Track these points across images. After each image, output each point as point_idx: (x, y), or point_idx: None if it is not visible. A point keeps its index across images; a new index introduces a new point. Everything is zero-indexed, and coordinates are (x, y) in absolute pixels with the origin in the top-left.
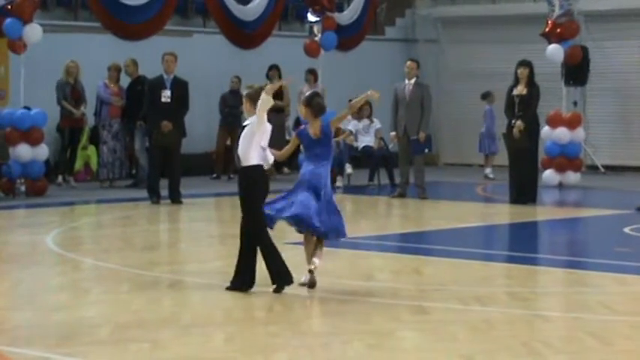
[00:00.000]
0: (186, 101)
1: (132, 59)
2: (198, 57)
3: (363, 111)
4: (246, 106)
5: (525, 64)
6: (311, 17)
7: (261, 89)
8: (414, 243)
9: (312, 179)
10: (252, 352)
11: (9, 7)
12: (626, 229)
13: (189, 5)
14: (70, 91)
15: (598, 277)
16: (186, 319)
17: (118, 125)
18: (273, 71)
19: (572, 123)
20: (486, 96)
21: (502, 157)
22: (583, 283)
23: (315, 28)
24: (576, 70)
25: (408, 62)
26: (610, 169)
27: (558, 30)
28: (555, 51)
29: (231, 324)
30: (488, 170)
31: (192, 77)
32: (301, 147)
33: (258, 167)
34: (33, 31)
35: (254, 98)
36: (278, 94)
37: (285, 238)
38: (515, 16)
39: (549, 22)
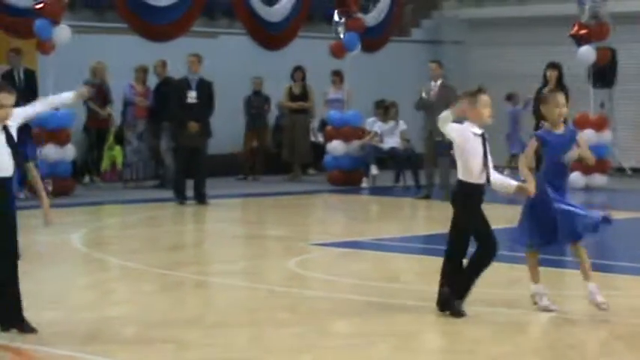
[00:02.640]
0: (211, 102)
1: (161, 60)
2: (224, 58)
3: (389, 112)
4: None
5: (554, 65)
6: (337, 18)
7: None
8: (439, 245)
9: None
10: (276, 353)
11: (39, 6)
12: None
13: (216, 6)
14: (97, 92)
15: (626, 280)
16: (210, 319)
17: (143, 126)
18: (298, 72)
19: (600, 125)
20: (511, 97)
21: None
22: (611, 286)
23: (340, 29)
24: (604, 72)
25: (431, 64)
26: (637, 171)
27: (588, 31)
28: (587, 52)
29: (256, 325)
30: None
31: (218, 78)
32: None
33: None
34: (62, 32)
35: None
36: (303, 96)
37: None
38: (541, 18)
39: (578, 23)
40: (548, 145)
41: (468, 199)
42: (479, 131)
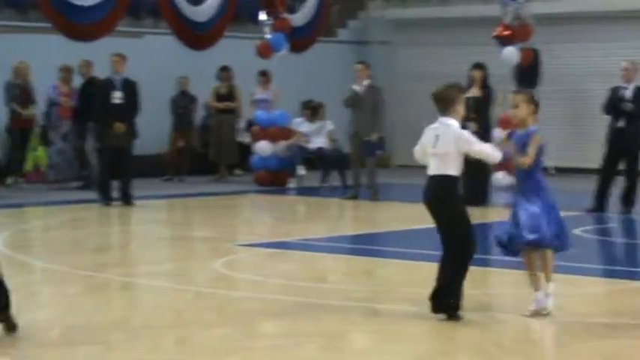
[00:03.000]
0: (137, 102)
1: (86, 60)
2: (150, 58)
3: (316, 113)
4: None
5: (479, 66)
6: (263, 18)
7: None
8: (366, 245)
9: None
10: (203, 354)
11: None
12: (577, 231)
13: (141, 6)
14: (20, 92)
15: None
16: (137, 321)
17: (68, 126)
18: (225, 72)
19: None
20: None
21: None
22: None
23: (266, 29)
24: (528, 73)
25: (357, 65)
26: (560, 170)
27: (511, 32)
28: (511, 53)
29: (183, 326)
30: None
31: (144, 78)
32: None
33: None
34: None
35: None
36: (230, 96)
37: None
38: (466, 19)
39: (501, 24)
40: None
41: (459, 193)
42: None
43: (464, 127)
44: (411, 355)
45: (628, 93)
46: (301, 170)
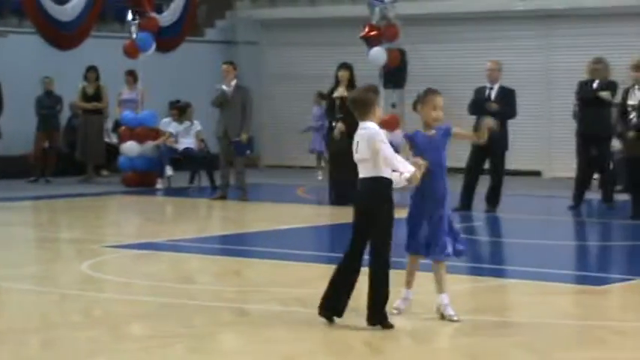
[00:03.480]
0: (0, 102)
1: None
2: (14, 57)
3: (184, 113)
4: None
5: (346, 66)
6: (130, 18)
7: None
8: (234, 245)
9: None
10: (70, 357)
11: None
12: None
13: (5, 5)
14: None
15: (419, 276)
16: (1, 325)
17: None
18: (91, 73)
19: (391, 125)
20: (323, 96)
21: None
22: (402, 282)
23: (133, 29)
24: (395, 73)
25: (223, 65)
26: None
27: (378, 33)
28: (378, 54)
29: (49, 329)
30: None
31: (7, 78)
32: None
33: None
34: None
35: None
36: (96, 96)
37: None
38: (333, 19)
39: (368, 25)
40: (416, 147)
41: (391, 195)
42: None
43: (331, 128)
44: (280, 356)
45: (493, 93)
46: (169, 171)
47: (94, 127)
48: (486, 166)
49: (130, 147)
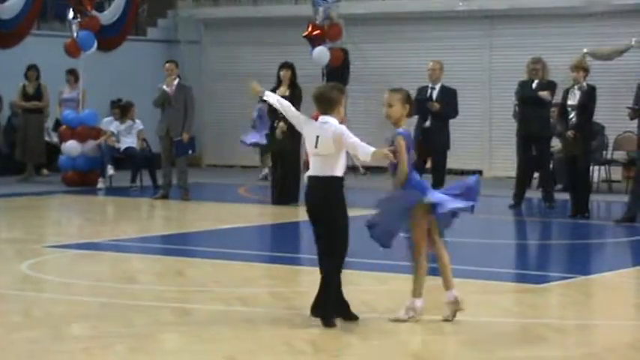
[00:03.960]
0: None
1: None
2: None
3: (126, 112)
4: None
5: (287, 66)
6: (72, 16)
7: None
8: (176, 245)
9: None
10: (10, 358)
11: None
12: None
13: None
14: None
15: (359, 275)
16: None
17: None
18: (32, 71)
19: None
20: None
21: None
22: (345, 281)
23: (74, 28)
24: (337, 73)
25: (166, 64)
26: (369, 169)
27: (321, 32)
28: (321, 53)
29: None
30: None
31: None
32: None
33: None
34: None
35: None
36: (37, 95)
37: None
38: (276, 18)
39: (311, 24)
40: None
41: (342, 194)
42: None
43: (274, 127)
44: (222, 355)
45: (434, 93)
46: (110, 170)
47: (34, 126)
48: (428, 165)
49: (71, 146)
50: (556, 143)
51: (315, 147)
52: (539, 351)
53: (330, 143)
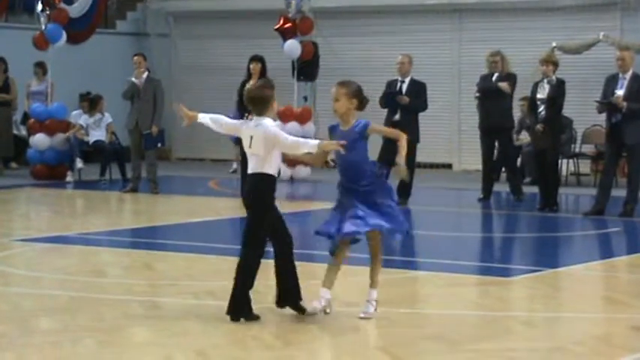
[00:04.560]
0: None
1: None
2: None
3: (95, 105)
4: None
5: (257, 59)
6: (40, 9)
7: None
8: (146, 238)
9: None
10: None
11: None
12: None
13: None
14: None
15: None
16: None
17: None
18: (0, 64)
19: (303, 117)
20: None
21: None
22: (313, 275)
23: (42, 21)
24: (307, 66)
25: (134, 57)
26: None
27: (292, 25)
28: (292, 46)
29: None
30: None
31: None
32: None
33: None
34: None
35: None
36: (5, 88)
37: None
38: (246, 11)
39: (283, 17)
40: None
41: (274, 193)
42: None
43: (244, 118)
44: (192, 349)
45: (404, 86)
46: (79, 163)
47: (2, 119)
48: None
49: (40, 139)
50: (525, 136)
51: (250, 147)
52: (507, 344)
53: (263, 144)
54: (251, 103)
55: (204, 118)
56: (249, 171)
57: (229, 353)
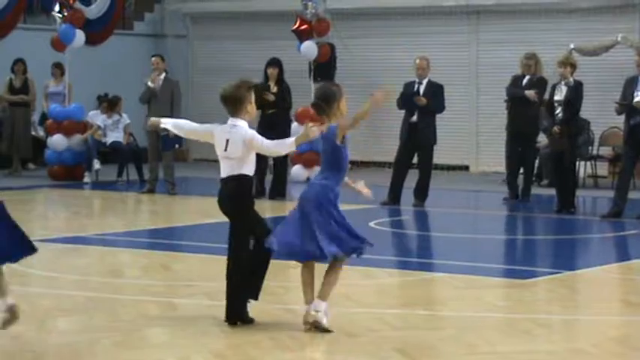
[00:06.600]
0: None
1: None
2: None
3: (113, 106)
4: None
5: (274, 63)
6: (57, 10)
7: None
8: (163, 239)
9: None
10: None
11: None
12: (371, 224)
13: None
14: None
15: (344, 270)
16: None
17: None
18: (19, 65)
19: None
20: None
21: None
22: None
23: (58, 22)
24: (323, 67)
25: (152, 58)
26: (356, 164)
27: (309, 27)
28: (309, 48)
29: None
30: None
31: None
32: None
33: None
34: None
35: None
36: (24, 89)
37: None
38: (263, 13)
39: (300, 19)
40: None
41: (252, 194)
42: None
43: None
44: (208, 350)
45: (421, 88)
46: (97, 164)
47: (21, 120)
48: (415, 160)
49: (58, 140)
50: (543, 139)
51: (225, 150)
52: (525, 346)
53: (240, 147)
54: (224, 102)
55: (167, 123)
56: (224, 175)
57: (246, 353)
